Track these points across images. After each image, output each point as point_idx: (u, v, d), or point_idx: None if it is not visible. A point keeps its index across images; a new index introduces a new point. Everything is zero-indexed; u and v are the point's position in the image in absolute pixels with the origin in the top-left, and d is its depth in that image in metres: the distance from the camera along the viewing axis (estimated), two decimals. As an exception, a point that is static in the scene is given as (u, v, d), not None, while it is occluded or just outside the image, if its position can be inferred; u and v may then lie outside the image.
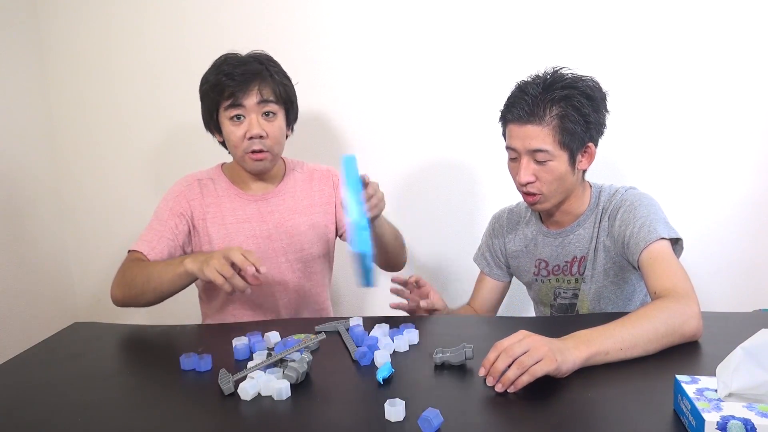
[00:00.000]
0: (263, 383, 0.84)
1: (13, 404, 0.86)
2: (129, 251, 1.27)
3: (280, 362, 0.91)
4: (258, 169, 1.34)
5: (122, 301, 1.23)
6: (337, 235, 1.48)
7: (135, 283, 1.19)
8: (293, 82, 1.36)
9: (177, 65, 1.86)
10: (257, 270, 1.04)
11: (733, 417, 0.63)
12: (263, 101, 1.28)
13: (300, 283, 1.41)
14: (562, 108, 1.15)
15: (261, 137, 1.28)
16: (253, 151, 1.29)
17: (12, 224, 1.78)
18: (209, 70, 1.32)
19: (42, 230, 1.91)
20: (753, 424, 0.62)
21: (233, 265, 1.04)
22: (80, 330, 1.20)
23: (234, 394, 0.84)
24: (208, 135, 1.38)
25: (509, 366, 0.81)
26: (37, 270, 1.88)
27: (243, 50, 1.33)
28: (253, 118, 1.28)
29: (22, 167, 1.84)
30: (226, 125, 1.30)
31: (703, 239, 1.80)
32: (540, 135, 1.15)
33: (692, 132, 1.77)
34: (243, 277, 1.05)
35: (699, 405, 0.66)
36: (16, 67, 1.82)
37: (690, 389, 0.70)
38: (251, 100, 1.27)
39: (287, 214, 1.39)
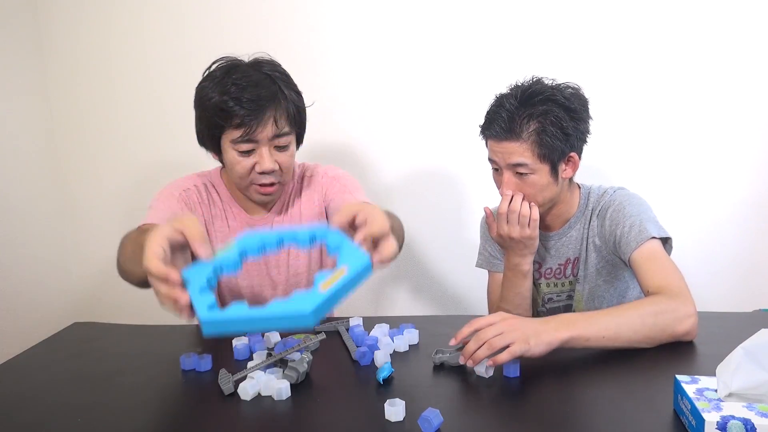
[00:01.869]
0: (263, 383, 0.84)
1: (13, 404, 0.86)
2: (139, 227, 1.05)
3: (280, 362, 0.91)
4: (264, 201, 1.21)
5: (120, 275, 1.02)
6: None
7: (120, 260, 1.00)
8: (306, 102, 1.21)
9: (177, 65, 1.86)
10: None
11: (733, 417, 0.63)
12: (278, 135, 1.12)
13: None
14: (539, 123, 1.14)
15: (273, 171, 1.14)
16: (262, 184, 1.15)
17: (12, 224, 1.78)
18: (209, 82, 1.12)
19: (42, 230, 1.91)
20: (753, 424, 0.62)
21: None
22: (80, 330, 1.20)
23: (234, 394, 0.84)
24: None
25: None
26: (37, 270, 1.88)
27: (243, 52, 1.21)
28: (264, 152, 1.12)
29: (22, 167, 1.83)
30: (231, 153, 1.13)
31: (703, 240, 1.80)
32: (518, 150, 1.15)
33: (692, 133, 1.77)
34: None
35: (699, 405, 0.66)
36: (16, 67, 1.81)
37: (690, 389, 0.70)
38: (266, 133, 1.10)
39: None
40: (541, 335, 0.85)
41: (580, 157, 1.22)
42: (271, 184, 1.16)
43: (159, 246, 0.69)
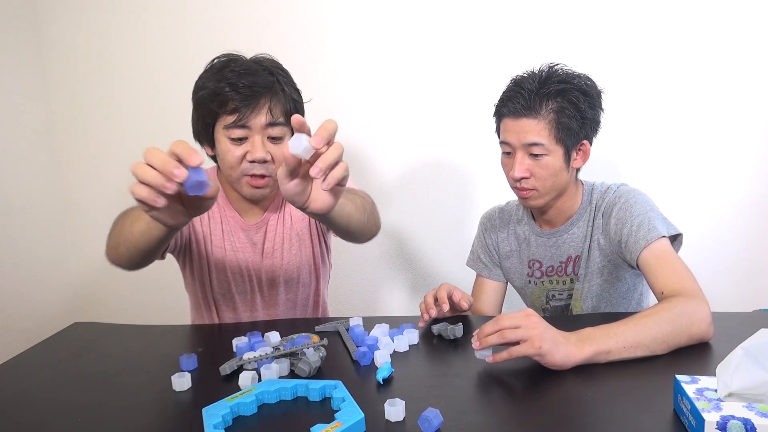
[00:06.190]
0: (265, 376, 0.86)
1: (13, 404, 0.86)
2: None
3: (291, 355, 0.92)
4: (255, 196, 1.18)
5: (109, 256, 0.97)
6: (321, 237, 1.32)
7: (114, 232, 0.94)
8: (305, 99, 1.21)
9: (177, 65, 1.86)
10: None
11: (733, 417, 0.63)
12: (272, 124, 1.11)
13: (294, 310, 1.32)
14: (558, 102, 1.14)
15: (265, 161, 1.12)
16: (253, 176, 1.13)
17: (12, 224, 1.78)
18: (207, 73, 1.14)
19: (42, 230, 1.91)
20: (753, 424, 0.62)
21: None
22: (80, 330, 1.20)
23: (234, 385, 0.84)
24: None
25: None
26: (37, 270, 1.88)
27: (244, 51, 1.21)
28: (257, 140, 1.11)
29: (22, 167, 1.84)
30: (223, 142, 1.13)
31: (703, 239, 1.80)
32: (536, 128, 1.14)
33: (693, 132, 1.77)
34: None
35: (699, 405, 0.66)
36: (16, 67, 1.82)
37: (690, 389, 0.70)
38: (259, 120, 1.10)
39: (278, 242, 1.27)
40: (559, 346, 0.83)
41: (590, 148, 1.21)
42: (262, 177, 1.14)
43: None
